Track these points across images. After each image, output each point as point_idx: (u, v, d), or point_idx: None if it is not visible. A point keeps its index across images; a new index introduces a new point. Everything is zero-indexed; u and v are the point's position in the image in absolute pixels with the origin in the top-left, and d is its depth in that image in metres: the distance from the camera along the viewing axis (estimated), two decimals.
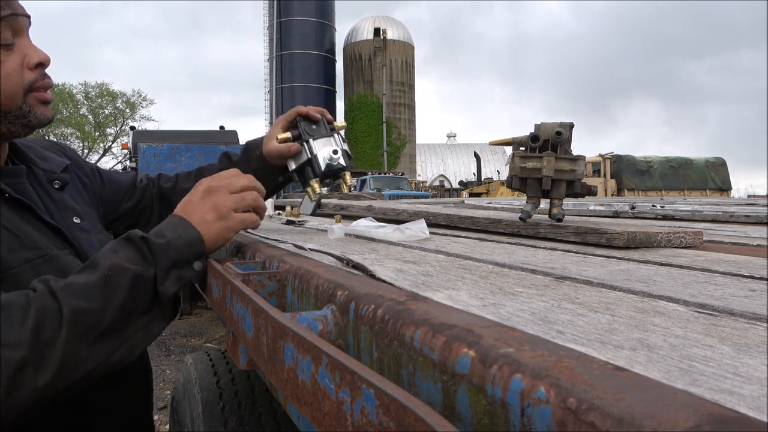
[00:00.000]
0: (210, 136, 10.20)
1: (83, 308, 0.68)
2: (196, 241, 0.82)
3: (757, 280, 0.62)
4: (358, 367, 0.33)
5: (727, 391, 0.28)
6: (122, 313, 0.71)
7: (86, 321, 0.67)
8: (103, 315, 0.69)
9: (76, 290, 0.69)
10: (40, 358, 0.63)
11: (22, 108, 0.87)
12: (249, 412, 1.43)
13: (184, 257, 0.79)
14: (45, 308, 0.66)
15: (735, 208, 2.05)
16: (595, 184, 1.20)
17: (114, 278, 0.72)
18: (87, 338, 0.67)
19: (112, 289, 0.71)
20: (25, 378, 0.62)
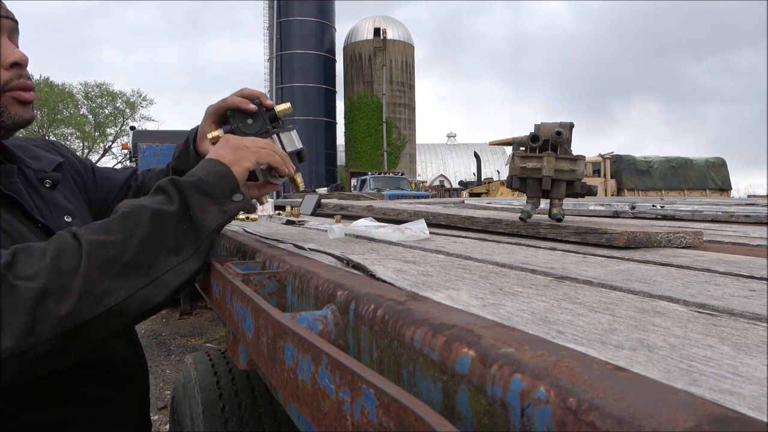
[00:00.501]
0: None
1: (102, 240, 0.68)
2: (227, 174, 0.82)
3: (757, 280, 0.62)
4: (358, 367, 0.33)
5: (727, 391, 0.28)
6: (145, 248, 0.71)
7: (106, 253, 0.68)
8: (123, 248, 0.69)
9: (94, 227, 0.70)
10: (60, 287, 0.64)
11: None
12: (249, 412, 1.43)
13: (219, 192, 0.79)
14: (64, 243, 0.67)
15: (735, 208, 2.05)
16: (595, 184, 1.20)
17: (133, 214, 0.72)
18: (109, 270, 0.67)
19: (131, 224, 0.71)
20: (48, 306, 0.63)
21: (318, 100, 34.14)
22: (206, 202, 0.77)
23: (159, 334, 5.30)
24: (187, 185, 0.77)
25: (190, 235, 0.75)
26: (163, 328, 5.55)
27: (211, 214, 0.77)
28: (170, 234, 0.73)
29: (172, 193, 0.76)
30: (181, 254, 0.74)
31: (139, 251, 0.70)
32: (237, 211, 0.80)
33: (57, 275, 0.64)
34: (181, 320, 5.88)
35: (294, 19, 33.69)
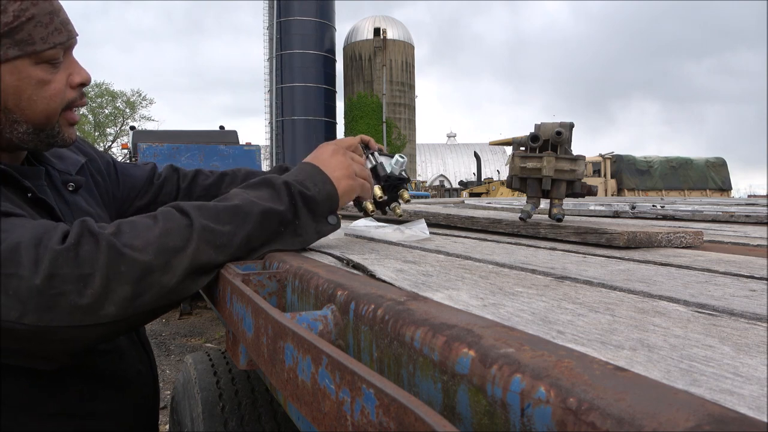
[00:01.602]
0: (210, 136, 10.19)
1: (213, 228, 0.70)
2: (333, 196, 0.85)
3: (757, 280, 0.62)
4: (358, 367, 0.33)
5: (727, 391, 0.28)
6: (247, 242, 0.74)
7: (214, 241, 0.70)
8: (230, 240, 0.72)
9: (206, 211, 0.72)
10: (166, 263, 0.66)
11: (55, 127, 0.87)
12: (249, 412, 1.43)
13: (320, 212, 0.83)
14: (173, 220, 0.69)
15: (735, 208, 2.05)
16: (595, 184, 1.20)
17: (244, 208, 0.75)
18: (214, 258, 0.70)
19: (241, 219, 0.74)
20: (152, 280, 0.65)
21: (318, 100, 34.12)
22: (309, 219, 0.82)
23: (159, 334, 5.30)
24: (299, 195, 0.81)
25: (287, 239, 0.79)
26: (163, 328, 5.55)
27: (309, 229, 0.82)
28: (271, 232, 0.77)
29: (283, 195, 0.79)
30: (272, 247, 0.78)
31: (243, 245, 0.73)
32: (327, 233, 0.85)
33: (165, 252, 0.66)
34: (181, 320, 5.88)
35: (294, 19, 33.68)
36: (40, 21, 0.81)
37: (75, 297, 0.61)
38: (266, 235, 0.77)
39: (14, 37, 0.79)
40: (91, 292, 0.61)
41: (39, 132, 0.85)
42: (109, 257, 0.63)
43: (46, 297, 0.60)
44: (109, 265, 0.62)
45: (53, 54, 0.83)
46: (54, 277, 0.60)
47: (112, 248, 0.63)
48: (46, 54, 0.82)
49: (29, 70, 0.81)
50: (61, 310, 0.60)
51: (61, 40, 0.84)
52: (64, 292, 0.61)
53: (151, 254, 0.65)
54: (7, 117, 0.82)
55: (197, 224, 0.69)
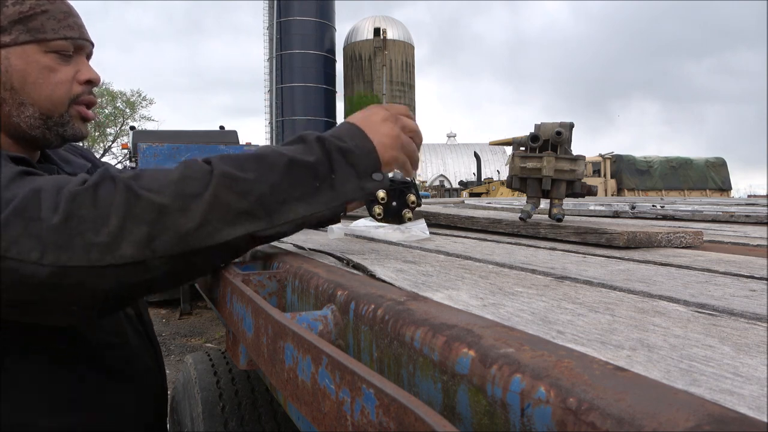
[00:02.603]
0: (210, 136, 10.19)
1: (234, 175, 0.68)
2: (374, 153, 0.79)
3: (757, 280, 0.62)
4: (358, 367, 0.33)
5: (727, 391, 0.28)
6: (273, 192, 0.70)
7: (235, 187, 0.68)
8: (252, 187, 0.69)
9: (228, 159, 0.71)
10: (183, 206, 0.65)
11: (63, 116, 0.91)
12: (249, 412, 1.43)
13: (362, 168, 0.77)
14: (194, 167, 0.68)
15: (735, 208, 2.05)
16: (595, 184, 1.20)
17: (269, 157, 0.72)
18: (234, 206, 0.67)
19: (266, 166, 0.71)
20: (168, 222, 0.64)
21: (318, 100, 34.12)
22: (349, 173, 0.76)
23: (159, 334, 5.30)
24: (335, 148, 0.76)
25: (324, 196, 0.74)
26: (163, 328, 5.55)
27: (350, 184, 0.76)
28: (303, 186, 0.73)
29: (315, 148, 0.75)
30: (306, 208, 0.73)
31: (267, 194, 0.70)
32: (374, 191, 0.79)
33: (182, 195, 0.65)
34: (181, 320, 5.88)
35: (294, 19, 33.68)
36: (54, 16, 0.89)
37: (91, 236, 0.62)
38: (297, 188, 0.72)
39: (27, 24, 0.86)
40: (107, 231, 0.62)
41: (47, 119, 0.90)
42: (126, 198, 0.63)
43: (64, 236, 0.61)
44: (125, 206, 0.63)
45: (62, 45, 0.89)
46: (71, 217, 0.62)
47: (129, 190, 0.64)
48: (55, 44, 0.88)
49: (37, 56, 0.87)
50: (78, 249, 0.61)
51: (72, 35, 0.90)
52: (81, 232, 0.61)
53: (167, 196, 0.65)
54: (13, 98, 0.87)
55: (217, 170, 0.68)
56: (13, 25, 0.85)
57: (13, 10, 0.85)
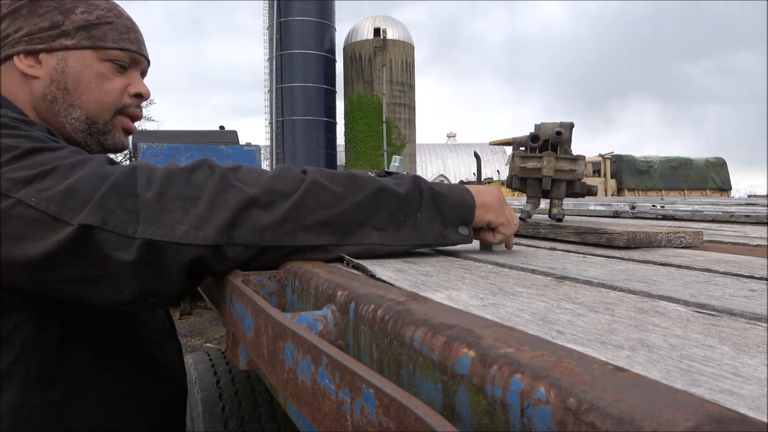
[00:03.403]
0: (210, 136, 10.20)
1: (324, 185, 0.70)
2: (469, 205, 0.79)
3: (757, 280, 0.62)
4: (358, 367, 0.33)
5: (727, 391, 0.28)
6: (356, 211, 0.71)
7: (322, 197, 0.70)
8: (338, 201, 0.70)
9: (324, 171, 0.73)
10: (270, 202, 0.67)
11: (107, 124, 0.95)
12: (249, 412, 1.43)
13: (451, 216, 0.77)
14: (289, 171, 0.71)
15: (735, 208, 2.05)
16: (595, 184, 1.20)
17: (361, 179, 0.74)
18: (316, 213, 0.69)
19: (356, 186, 0.72)
20: (252, 213, 0.66)
21: (318, 100, 34.10)
22: (435, 217, 0.76)
23: None
24: (428, 189, 0.77)
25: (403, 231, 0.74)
26: None
27: (433, 229, 0.76)
28: (386, 215, 0.73)
29: (409, 184, 0.76)
30: (381, 237, 0.73)
31: (350, 211, 0.71)
32: (455, 243, 0.79)
33: (271, 191, 0.67)
34: (181, 320, 5.87)
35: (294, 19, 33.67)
36: (117, 28, 0.94)
37: (180, 214, 0.64)
38: (379, 215, 0.73)
39: (90, 32, 0.91)
40: (195, 212, 0.64)
41: (91, 124, 0.93)
42: (220, 185, 0.66)
43: (155, 211, 0.63)
44: (217, 192, 0.66)
45: (119, 55, 0.94)
46: (164, 194, 0.64)
47: (225, 178, 0.67)
48: (113, 53, 0.93)
49: (94, 63, 0.92)
50: (167, 225, 0.63)
51: (130, 48, 0.95)
52: (172, 209, 0.64)
53: (258, 189, 0.67)
54: (65, 98, 0.91)
55: (310, 178, 0.70)
56: (77, 31, 0.90)
57: (81, 17, 0.90)
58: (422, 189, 0.77)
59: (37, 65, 0.89)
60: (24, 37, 0.88)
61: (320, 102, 34.11)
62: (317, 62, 34.18)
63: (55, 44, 0.89)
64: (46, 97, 0.90)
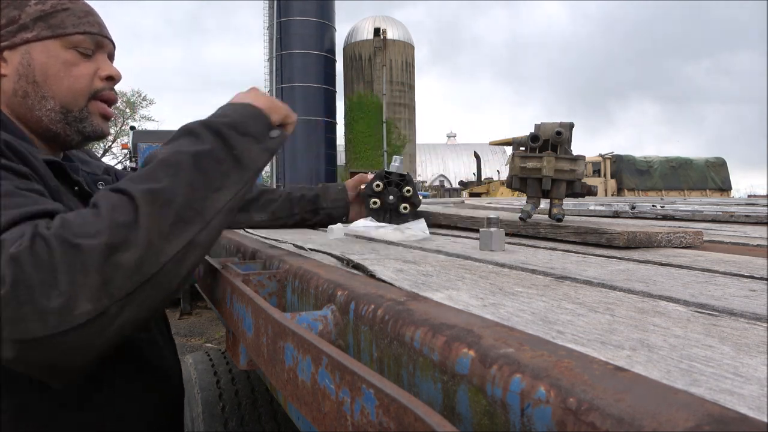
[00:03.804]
0: None
1: (151, 188, 0.66)
2: (260, 114, 0.80)
3: (757, 280, 0.62)
4: (358, 367, 0.33)
5: (727, 391, 0.28)
6: (193, 190, 0.68)
7: (159, 199, 0.65)
8: (173, 193, 0.67)
9: (136, 177, 0.68)
10: (124, 239, 0.61)
11: (83, 111, 0.94)
12: (249, 412, 1.43)
13: (256, 131, 0.78)
14: (113, 198, 0.65)
15: (735, 208, 2.05)
16: (595, 184, 1.20)
17: (172, 159, 0.70)
18: (166, 217, 0.65)
19: (174, 169, 0.69)
20: (116, 261, 0.60)
21: (318, 100, 34.10)
22: (247, 141, 0.76)
23: None
24: (224, 126, 0.75)
25: (235, 174, 0.73)
26: None
27: (253, 151, 0.76)
28: (215, 174, 0.71)
29: (205, 135, 0.74)
30: (227, 193, 0.72)
31: (188, 193, 0.68)
32: (278, 147, 0.79)
33: (118, 229, 0.62)
34: (181, 320, 5.87)
35: (294, 19, 33.67)
36: (74, 13, 0.93)
37: (43, 301, 0.57)
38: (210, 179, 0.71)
39: (48, 21, 0.90)
40: (58, 292, 0.57)
41: (67, 113, 0.92)
42: (65, 252, 0.59)
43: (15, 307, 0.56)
44: (68, 261, 0.58)
45: (82, 40, 0.93)
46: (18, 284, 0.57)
47: (65, 242, 0.59)
48: (75, 38, 0.92)
49: (58, 51, 0.91)
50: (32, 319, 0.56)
51: (91, 30, 0.94)
52: (31, 299, 0.57)
53: (105, 235, 0.60)
54: (35, 91, 0.90)
55: (134, 191, 0.65)
56: (35, 23, 0.89)
57: (35, 8, 0.89)
58: (219, 129, 0.75)
59: (2, 63, 0.89)
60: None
61: (320, 102, 34.10)
62: (317, 62, 34.17)
63: (16, 39, 0.89)
64: (17, 93, 0.90)
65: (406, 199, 1.27)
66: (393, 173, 1.28)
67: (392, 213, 1.27)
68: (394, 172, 1.28)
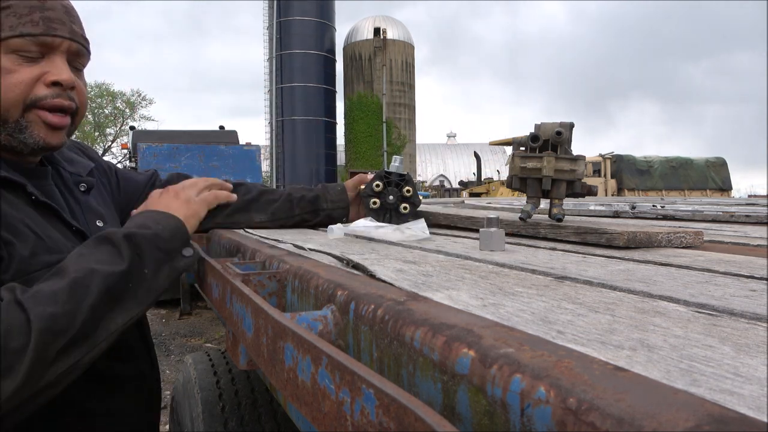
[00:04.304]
0: (210, 136, 10.20)
1: (52, 313, 0.65)
2: (181, 229, 0.83)
3: (757, 280, 0.62)
4: (358, 367, 0.33)
5: (727, 391, 0.28)
6: (93, 314, 0.69)
7: (55, 327, 0.65)
8: (72, 319, 0.67)
9: (42, 295, 0.66)
10: (7, 368, 0.61)
11: (19, 122, 0.83)
12: (249, 412, 1.43)
13: (172, 247, 0.80)
14: (11, 318, 0.63)
15: (735, 208, 2.05)
16: (595, 184, 1.20)
17: (83, 280, 0.69)
18: (56, 344, 0.65)
19: (81, 292, 0.68)
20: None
21: (318, 100, 34.09)
22: (161, 261, 0.77)
23: (159, 334, 5.30)
24: (144, 241, 0.76)
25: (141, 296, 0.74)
26: (162, 328, 5.55)
27: (163, 273, 0.77)
28: (121, 295, 0.72)
29: (125, 250, 0.75)
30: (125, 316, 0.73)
31: (88, 319, 0.68)
32: (186, 268, 0.81)
33: (5, 356, 0.60)
34: (181, 320, 5.87)
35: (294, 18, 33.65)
36: (16, 12, 0.80)
37: None
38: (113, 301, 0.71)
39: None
40: None
41: (3, 124, 0.83)
42: None
43: None
44: None
45: (20, 44, 0.81)
46: None
47: None
48: (12, 42, 0.80)
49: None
50: None
51: (33, 32, 0.81)
52: None
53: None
54: None
55: (34, 315, 0.63)
56: None
57: None
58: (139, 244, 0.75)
59: None
60: None
61: (320, 102, 34.10)
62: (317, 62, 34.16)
63: None
64: None
65: (406, 199, 1.27)
66: (393, 173, 1.28)
67: (392, 213, 1.27)
68: (393, 173, 1.28)
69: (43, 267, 0.81)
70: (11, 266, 0.78)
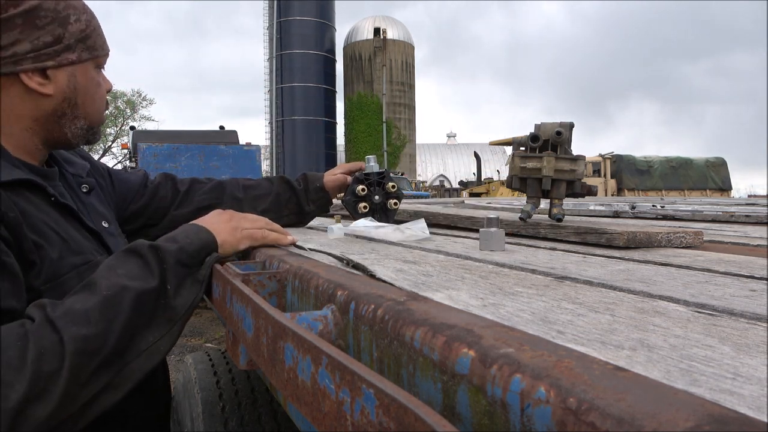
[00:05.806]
0: (210, 136, 10.20)
1: (84, 335, 0.65)
2: (210, 244, 0.83)
3: (757, 280, 0.62)
4: (358, 367, 0.33)
5: (727, 391, 0.28)
6: (124, 334, 0.69)
7: (87, 348, 0.65)
8: (104, 340, 0.67)
9: (74, 315, 0.67)
10: (42, 391, 0.61)
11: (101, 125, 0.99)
12: (249, 412, 1.43)
13: (194, 261, 0.80)
14: (44, 339, 0.63)
15: (735, 208, 2.05)
16: (595, 184, 1.20)
17: (114, 299, 0.70)
18: (90, 366, 0.65)
19: (113, 311, 0.69)
20: (29, 413, 0.60)
21: (318, 100, 34.09)
22: (182, 273, 0.77)
23: None
24: (167, 255, 0.76)
25: (170, 312, 0.75)
26: None
27: (186, 288, 0.77)
28: (149, 313, 0.72)
29: (153, 265, 0.75)
30: (154, 333, 0.73)
31: (120, 339, 0.68)
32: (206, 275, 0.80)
33: (39, 379, 0.61)
34: None
35: (294, 18, 33.65)
36: (98, 32, 0.95)
37: None
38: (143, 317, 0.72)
39: (86, 42, 0.91)
40: None
41: (90, 128, 0.96)
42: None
43: None
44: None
45: (104, 61, 0.97)
46: None
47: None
48: (101, 60, 0.96)
49: (92, 73, 0.94)
50: None
51: (108, 50, 0.98)
52: None
53: (24, 386, 0.59)
54: (72, 112, 0.92)
55: (67, 335, 0.64)
56: (77, 44, 0.90)
57: (77, 28, 0.89)
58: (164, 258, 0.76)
59: (46, 82, 0.87)
60: (29, 53, 0.84)
61: (320, 102, 34.11)
62: (317, 62, 34.17)
63: (62, 59, 0.88)
64: (56, 113, 0.90)
65: (391, 195, 1.28)
66: (371, 173, 1.28)
67: (381, 212, 1.27)
68: (371, 173, 1.28)
69: (71, 270, 0.82)
70: (42, 270, 0.79)
